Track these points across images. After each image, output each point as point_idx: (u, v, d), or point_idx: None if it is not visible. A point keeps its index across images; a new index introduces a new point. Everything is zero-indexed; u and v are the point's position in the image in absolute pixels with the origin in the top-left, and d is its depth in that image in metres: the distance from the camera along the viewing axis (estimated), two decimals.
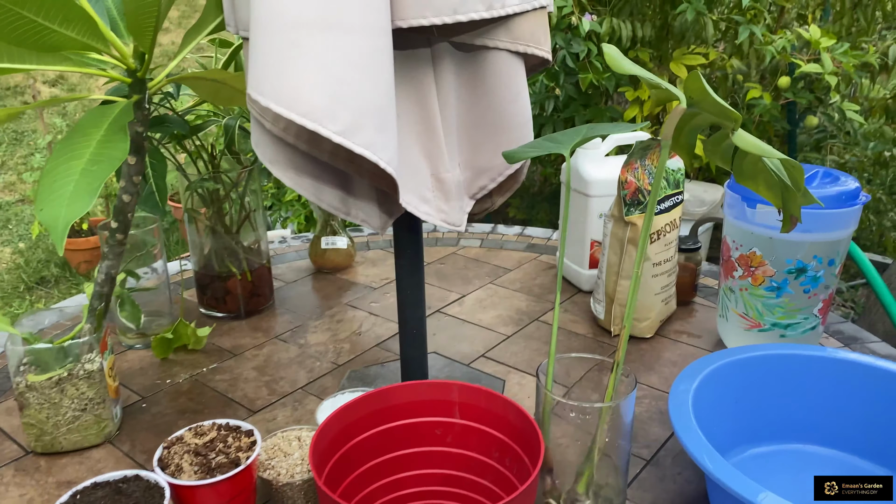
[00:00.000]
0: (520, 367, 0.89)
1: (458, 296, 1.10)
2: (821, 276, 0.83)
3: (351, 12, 0.54)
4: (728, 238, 0.88)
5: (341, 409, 0.58)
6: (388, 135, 0.59)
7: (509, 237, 1.34)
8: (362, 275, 1.18)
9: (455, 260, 1.24)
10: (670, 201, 0.95)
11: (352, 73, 0.55)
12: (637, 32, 2.31)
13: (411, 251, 0.76)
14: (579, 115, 2.46)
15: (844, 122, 2.27)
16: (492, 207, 0.74)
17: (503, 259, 1.24)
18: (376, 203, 0.70)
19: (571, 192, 1.09)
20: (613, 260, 0.95)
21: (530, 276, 1.17)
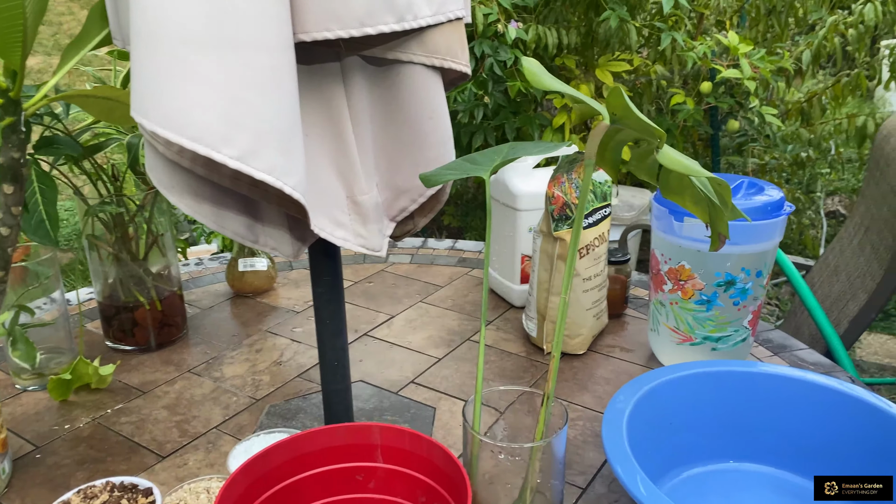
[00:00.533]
0: (451, 393, 0.85)
1: (386, 316, 1.05)
2: (749, 287, 0.82)
3: (244, 26, 0.49)
4: (656, 251, 0.87)
5: (250, 462, 0.53)
6: (293, 157, 0.54)
7: (440, 252, 1.30)
8: (284, 297, 1.12)
9: (384, 278, 1.19)
10: (598, 214, 0.93)
11: (248, 93, 0.50)
12: (563, 39, 2.32)
13: (329, 278, 0.71)
14: (509, 123, 2.45)
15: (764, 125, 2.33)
16: (414, 229, 0.70)
17: (434, 275, 1.20)
18: (287, 229, 0.65)
19: (500, 206, 1.06)
20: (544, 276, 0.92)
21: (461, 293, 1.13)
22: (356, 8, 0.54)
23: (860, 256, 1.17)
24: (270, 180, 0.52)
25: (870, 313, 1.04)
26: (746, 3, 2.56)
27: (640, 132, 0.48)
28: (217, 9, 0.48)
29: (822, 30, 2.36)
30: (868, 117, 2.40)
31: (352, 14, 0.54)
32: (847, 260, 1.23)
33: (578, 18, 2.42)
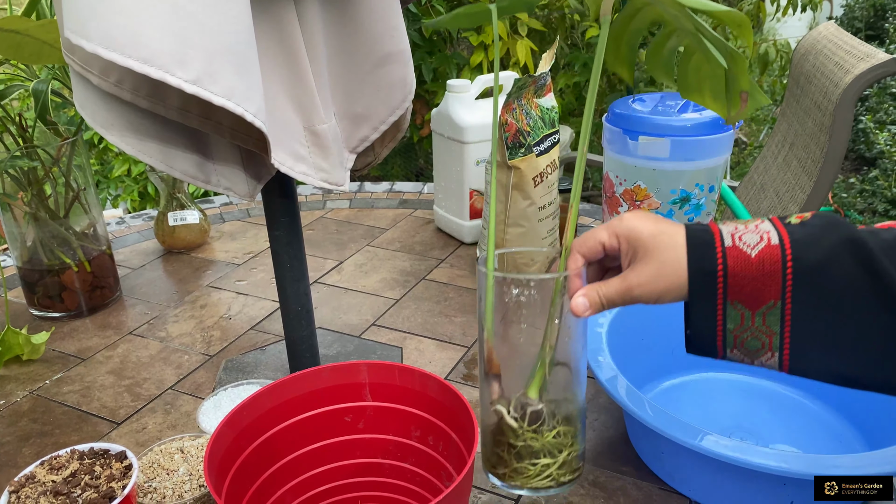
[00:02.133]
0: (415, 332, 0.83)
1: (335, 262, 1.02)
2: (703, 203, 0.84)
3: None
4: (610, 174, 0.87)
5: (234, 413, 0.49)
6: (251, 81, 0.49)
7: (379, 195, 1.27)
8: (221, 251, 1.06)
9: (325, 224, 1.15)
10: (548, 141, 0.91)
11: (202, 11, 0.45)
12: None
13: (287, 219, 0.66)
14: (426, 63, 2.40)
15: None
16: (375, 161, 0.66)
17: (377, 218, 1.16)
18: (241, 166, 0.60)
19: (444, 141, 1.03)
20: (499, 208, 0.90)
21: (408, 234, 1.10)
22: None
23: (786, 172, 1.22)
24: (230, 106, 0.47)
25: None
26: None
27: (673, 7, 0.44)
28: None
29: None
30: (769, 44, 2.49)
31: None
32: (773, 177, 1.28)
33: None
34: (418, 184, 1.31)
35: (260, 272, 0.99)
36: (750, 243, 0.43)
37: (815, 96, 1.14)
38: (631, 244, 0.47)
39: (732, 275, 0.43)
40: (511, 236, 0.91)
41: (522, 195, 0.89)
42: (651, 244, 0.45)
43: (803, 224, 0.43)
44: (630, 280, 0.46)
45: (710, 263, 0.43)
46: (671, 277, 0.44)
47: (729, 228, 0.44)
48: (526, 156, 0.88)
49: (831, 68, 1.11)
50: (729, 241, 0.43)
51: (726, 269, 0.43)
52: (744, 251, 0.43)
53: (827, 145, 1.05)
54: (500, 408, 0.50)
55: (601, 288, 0.47)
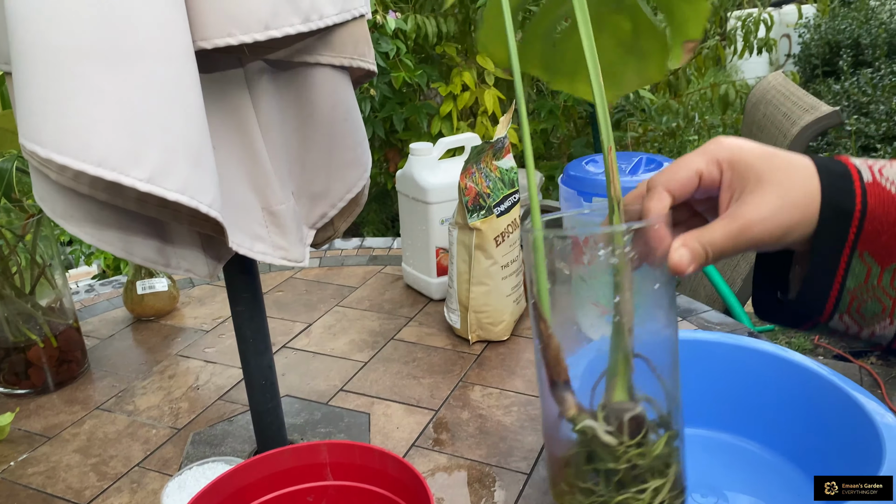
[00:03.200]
0: (383, 396, 0.84)
1: (303, 325, 1.02)
2: None
3: (141, 35, 0.45)
4: None
5: (198, 497, 0.49)
6: (206, 172, 0.51)
7: (349, 252, 1.28)
8: (190, 317, 1.06)
9: (294, 285, 1.15)
10: (509, 201, 0.94)
11: (153, 106, 0.46)
12: (442, 28, 2.33)
13: (248, 294, 0.67)
14: (397, 114, 2.44)
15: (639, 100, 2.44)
16: (335, 235, 0.67)
17: (346, 277, 1.18)
18: (201, 248, 0.61)
19: (409, 201, 1.05)
20: (463, 268, 0.92)
21: (378, 292, 1.11)
22: (258, 10, 0.51)
23: None
24: (185, 200, 0.48)
25: None
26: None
27: None
28: (109, 18, 0.44)
29: None
30: (729, 85, 2.57)
31: (254, 17, 0.51)
32: None
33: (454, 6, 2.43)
34: (388, 239, 1.32)
35: (228, 339, 0.99)
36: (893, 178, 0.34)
37: None
38: (738, 171, 0.37)
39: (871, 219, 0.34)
40: (475, 294, 0.92)
41: (485, 255, 0.91)
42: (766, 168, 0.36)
43: None
44: (747, 216, 0.36)
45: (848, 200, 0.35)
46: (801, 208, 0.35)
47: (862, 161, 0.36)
48: (486, 217, 0.90)
49: (780, 119, 1.15)
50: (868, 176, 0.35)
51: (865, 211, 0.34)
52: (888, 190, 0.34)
53: None
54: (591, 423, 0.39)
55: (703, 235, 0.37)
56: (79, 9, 0.43)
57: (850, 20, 3.99)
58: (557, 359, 0.41)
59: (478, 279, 0.92)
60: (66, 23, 0.43)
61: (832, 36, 4.00)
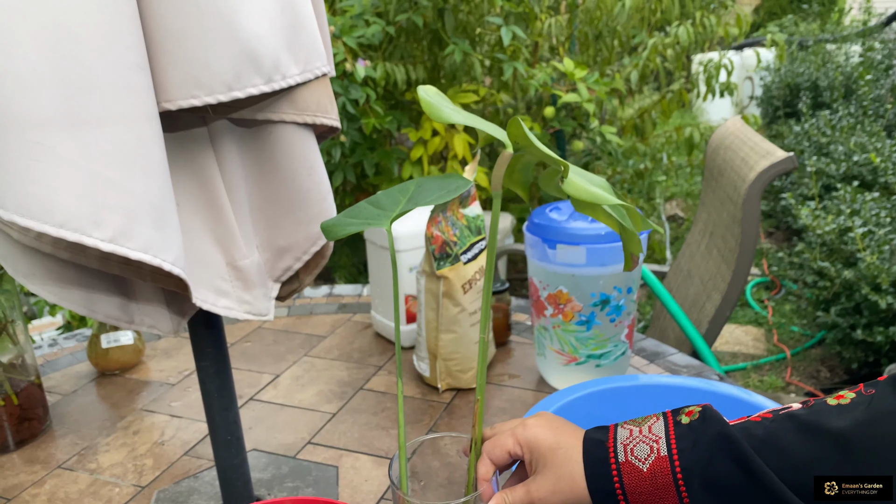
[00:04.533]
0: (352, 448, 0.84)
1: (271, 376, 1.02)
2: (622, 304, 0.88)
3: (104, 100, 0.46)
4: (535, 279, 0.91)
5: None
6: (169, 231, 0.52)
7: (318, 300, 1.28)
8: (156, 370, 1.06)
9: (262, 335, 1.15)
10: (476, 248, 0.95)
11: (115, 170, 0.47)
12: (411, 75, 2.38)
13: (213, 349, 0.67)
14: (367, 159, 2.47)
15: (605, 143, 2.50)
16: (300, 288, 0.68)
17: (315, 325, 1.18)
18: (165, 304, 0.62)
19: (377, 249, 1.06)
20: (431, 316, 0.93)
21: (346, 341, 1.12)
22: (222, 72, 0.53)
23: (709, 260, 1.29)
24: (148, 259, 0.49)
25: (725, 311, 1.15)
26: (575, 30, 2.75)
27: (543, 160, 0.50)
28: (74, 85, 0.45)
29: (645, 51, 2.58)
30: (693, 128, 2.65)
31: (218, 79, 0.53)
32: (698, 264, 1.35)
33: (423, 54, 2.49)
34: (357, 286, 1.33)
35: (194, 392, 0.99)
36: (641, 456, 0.46)
37: (727, 189, 1.22)
38: (533, 454, 0.51)
39: (630, 492, 0.46)
40: (444, 342, 0.93)
41: (452, 302, 0.92)
42: (550, 458, 0.50)
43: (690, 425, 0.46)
44: (531, 491, 0.50)
45: (607, 482, 0.47)
46: (567, 493, 0.48)
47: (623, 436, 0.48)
48: (453, 265, 0.91)
49: (738, 164, 1.19)
50: (622, 456, 0.47)
51: (623, 487, 0.46)
52: (636, 466, 0.46)
53: (740, 237, 1.12)
54: None
55: (509, 496, 0.51)
56: (43, 77, 0.44)
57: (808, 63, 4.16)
58: None
59: (446, 326, 0.93)
60: (30, 90, 0.44)
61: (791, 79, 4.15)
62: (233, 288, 0.62)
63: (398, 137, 2.75)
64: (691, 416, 0.47)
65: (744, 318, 2.69)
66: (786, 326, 2.57)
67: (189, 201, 0.60)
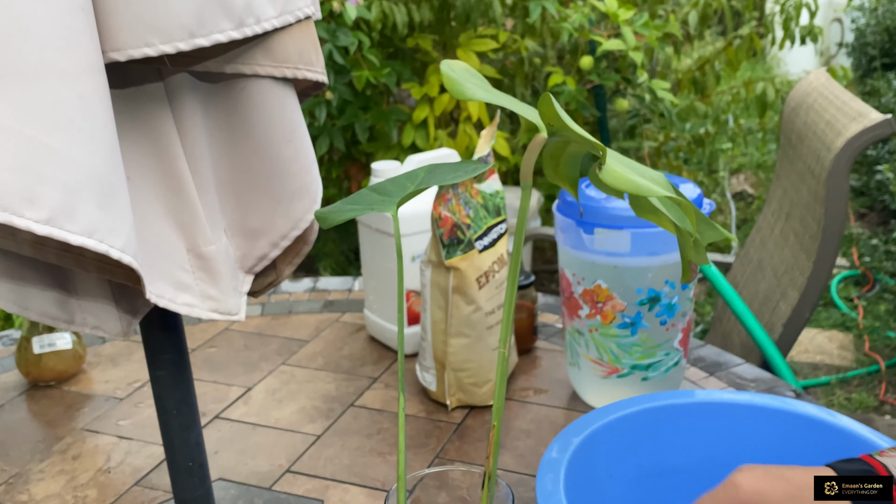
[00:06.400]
0: (340, 478, 0.85)
1: (241, 390, 1.03)
2: (676, 302, 0.88)
3: (38, 51, 0.47)
4: (567, 271, 0.91)
5: None
6: (117, 211, 0.52)
7: (299, 296, 1.29)
8: (100, 381, 1.07)
9: (230, 339, 1.17)
10: (494, 233, 0.96)
11: (52, 135, 0.48)
12: (414, 16, 2.37)
13: (171, 355, 0.69)
14: (360, 122, 2.48)
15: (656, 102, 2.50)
16: (278, 280, 0.69)
17: (295, 327, 1.19)
18: (112, 300, 0.63)
19: (373, 234, 1.07)
20: (439, 316, 0.94)
21: (334, 346, 1.13)
22: (182, 15, 0.53)
23: (784, 248, 1.29)
24: (92, 244, 0.50)
25: (803, 312, 1.15)
26: None
27: (578, 143, 0.50)
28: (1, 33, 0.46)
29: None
30: (766, 83, 2.64)
31: (177, 23, 0.53)
32: (770, 253, 1.35)
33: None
34: (347, 279, 1.34)
35: (147, 408, 1.00)
36: None
37: (808, 160, 1.22)
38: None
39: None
40: (454, 348, 0.94)
41: (465, 299, 0.93)
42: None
43: None
44: None
45: None
46: None
47: None
48: (466, 253, 0.92)
49: (822, 127, 1.19)
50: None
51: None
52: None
53: (823, 219, 1.12)
54: None
55: None
56: None
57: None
58: None
59: (457, 329, 0.94)
60: None
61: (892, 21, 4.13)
62: (195, 280, 0.63)
63: (398, 94, 2.75)
64: None
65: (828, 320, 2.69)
66: (880, 332, 2.57)
67: (142, 174, 0.60)
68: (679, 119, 2.88)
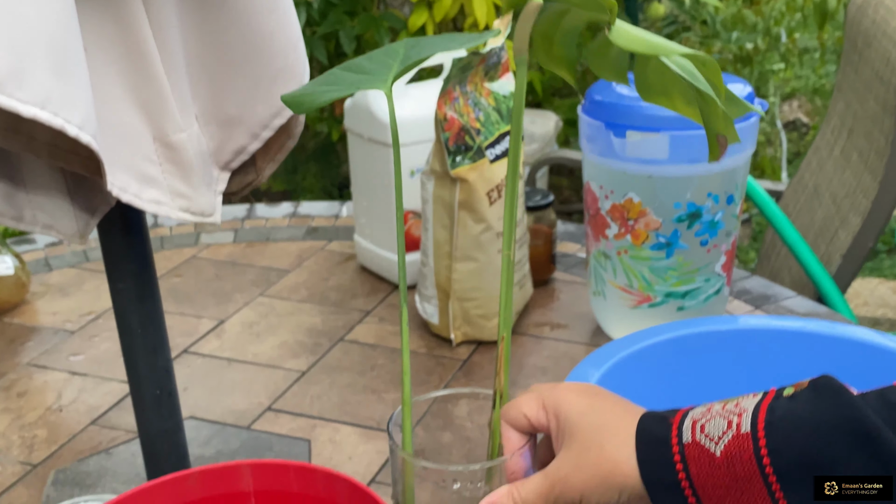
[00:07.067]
0: (329, 416, 0.87)
1: (213, 322, 1.04)
2: (719, 219, 0.89)
3: None
4: (592, 184, 0.92)
5: None
6: (74, 81, 0.53)
7: (277, 221, 1.30)
8: (47, 313, 1.09)
9: (199, 267, 1.18)
10: (507, 141, 0.96)
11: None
12: None
13: (135, 266, 0.69)
14: (345, 29, 2.46)
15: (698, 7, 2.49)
16: (258, 180, 0.70)
17: (274, 256, 1.20)
18: (66, 195, 0.64)
19: (364, 144, 1.07)
20: (442, 236, 0.95)
21: (320, 277, 1.14)
22: None
23: (846, 169, 1.29)
24: (46, 117, 0.50)
25: (866, 242, 1.16)
26: None
27: (584, 6, 0.51)
28: None
29: None
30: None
31: None
32: (829, 176, 1.35)
33: None
34: (333, 204, 1.35)
35: (104, 341, 1.01)
36: (714, 434, 0.45)
37: (876, 64, 1.22)
38: (560, 423, 0.51)
39: (700, 485, 0.45)
40: (460, 274, 0.95)
41: (473, 217, 0.94)
42: (579, 427, 0.49)
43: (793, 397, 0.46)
44: (552, 474, 0.49)
45: (667, 470, 0.46)
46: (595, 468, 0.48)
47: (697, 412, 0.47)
48: (475, 162, 0.93)
49: (895, 26, 1.19)
50: (688, 436, 0.46)
51: (690, 479, 0.45)
52: (706, 448, 0.45)
53: (893, 132, 1.12)
54: None
55: (520, 490, 0.50)
56: None
57: None
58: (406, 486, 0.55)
59: (463, 252, 0.95)
60: None
61: None
62: (163, 174, 0.63)
63: None
64: (799, 386, 0.48)
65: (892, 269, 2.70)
66: None
67: (101, 47, 0.60)
68: (724, 29, 2.87)
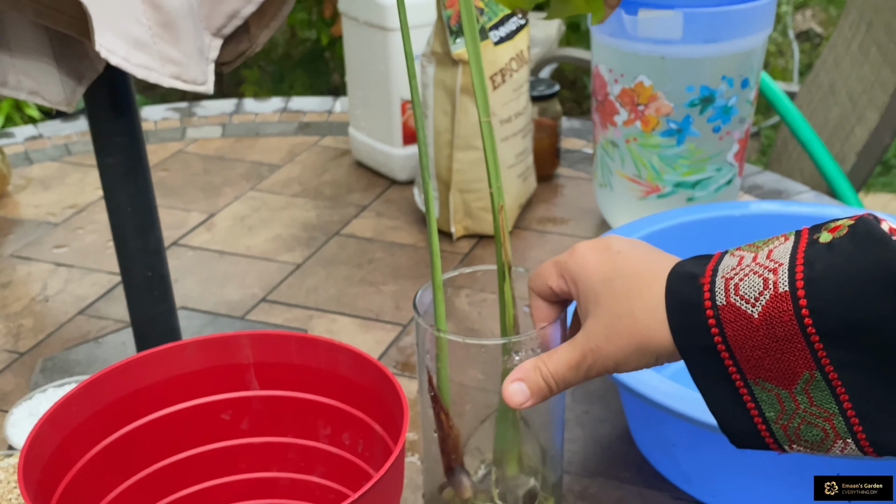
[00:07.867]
0: (326, 307, 0.87)
1: (203, 216, 1.05)
2: (733, 104, 0.89)
3: None
4: (601, 67, 0.91)
5: (59, 406, 0.52)
6: None
7: (267, 116, 1.30)
8: (29, 206, 1.09)
9: (186, 161, 1.17)
10: (512, 23, 0.96)
11: None
12: None
13: (124, 139, 0.69)
14: None
15: None
16: (252, 49, 0.69)
17: (264, 151, 1.20)
18: (52, 58, 0.63)
19: (359, 28, 1.06)
20: (443, 124, 0.94)
21: (313, 172, 1.14)
22: None
23: (864, 65, 1.29)
24: None
25: (883, 137, 1.15)
26: None
27: None
28: None
29: None
30: None
31: None
32: (846, 73, 1.34)
33: None
34: (326, 99, 1.34)
35: (89, 233, 1.02)
36: (750, 296, 0.44)
37: None
38: (582, 292, 0.50)
39: (737, 347, 0.44)
40: (461, 164, 0.95)
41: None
42: (603, 293, 0.48)
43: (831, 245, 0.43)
44: (582, 345, 0.48)
45: (702, 336, 0.45)
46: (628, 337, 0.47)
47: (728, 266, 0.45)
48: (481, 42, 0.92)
49: None
50: (722, 298, 0.44)
51: (727, 342, 0.44)
52: (743, 310, 0.44)
53: None
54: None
55: (548, 363, 0.50)
56: None
57: None
58: (457, 447, 0.56)
59: (465, 141, 0.94)
60: None
61: None
62: (152, 38, 0.63)
63: None
64: (836, 231, 0.44)
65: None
66: None
67: None
68: None
